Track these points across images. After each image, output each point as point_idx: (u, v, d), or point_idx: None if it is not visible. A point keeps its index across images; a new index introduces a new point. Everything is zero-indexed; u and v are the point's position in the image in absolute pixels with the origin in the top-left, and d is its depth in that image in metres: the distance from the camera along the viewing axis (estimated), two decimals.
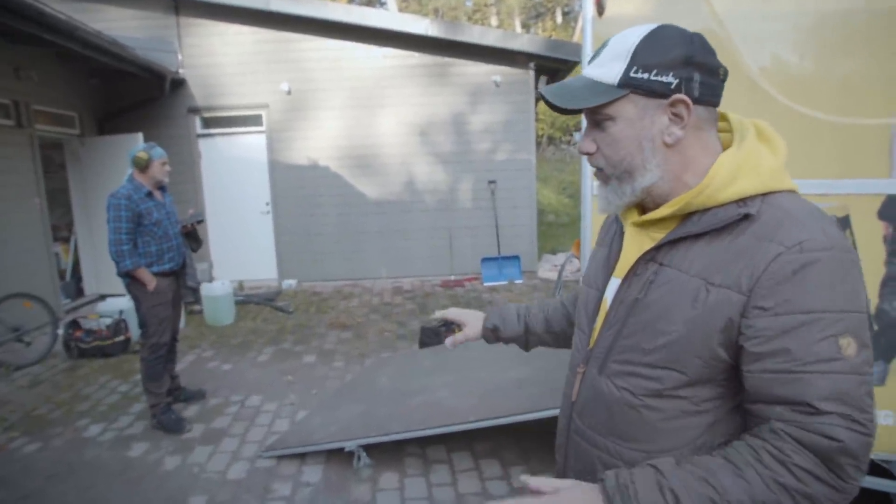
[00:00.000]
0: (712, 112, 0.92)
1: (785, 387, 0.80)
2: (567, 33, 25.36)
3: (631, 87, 0.88)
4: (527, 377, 3.34)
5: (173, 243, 3.76)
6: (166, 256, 3.71)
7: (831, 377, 0.78)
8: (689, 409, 0.90)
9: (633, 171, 0.92)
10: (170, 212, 3.80)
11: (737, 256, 0.84)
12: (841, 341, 0.78)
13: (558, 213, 13.54)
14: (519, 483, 2.88)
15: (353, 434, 3.14)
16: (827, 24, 2.09)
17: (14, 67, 5.83)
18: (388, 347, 5.22)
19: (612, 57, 0.89)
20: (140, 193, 3.58)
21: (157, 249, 3.66)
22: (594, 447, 1.01)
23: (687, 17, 2.29)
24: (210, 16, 7.55)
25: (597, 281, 1.07)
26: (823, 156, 2.12)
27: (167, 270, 3.73)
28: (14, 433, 3.66)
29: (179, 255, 3.83)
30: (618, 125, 0.90)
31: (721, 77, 0.90)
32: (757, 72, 2.16)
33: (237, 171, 8.02)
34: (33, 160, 6.13)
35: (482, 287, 7.61)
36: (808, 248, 0.80)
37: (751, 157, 0.88)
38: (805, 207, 0.86)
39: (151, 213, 3.62)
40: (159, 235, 3.65)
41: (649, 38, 0.87)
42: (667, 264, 0.92)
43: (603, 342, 0.99)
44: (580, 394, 1.04)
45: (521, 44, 7.68)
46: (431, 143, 8.00)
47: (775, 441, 0.80)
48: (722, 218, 0.86)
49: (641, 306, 0.93)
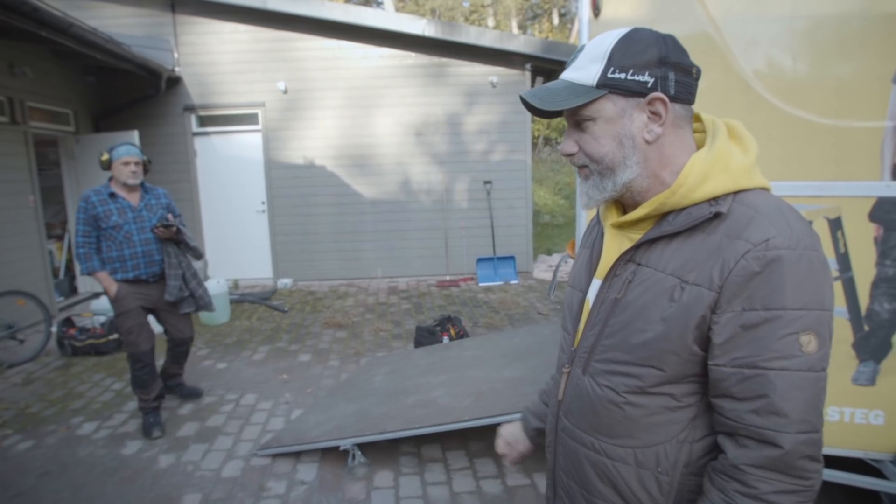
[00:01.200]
0: (688, 110, 0.95)
1: (744, 382, 0.84)
2: (564, 35, 25.41)
3: (609, 88, 0.90)
4: (521, 376, 3.35)
5: (138, 250, 3.49)
6: (129, 263, 3.47)
7: (789, 375, 0.82)
8: (670, 404, 0.93)
9: (614, 168, 0.94)
10: (141, 216, 3.53)
11: (709, 254, 0.87)
12: (802, 338, 0.82)
13: (554, 213, 13.57)
14: (514, 482, 2.89)
15: (348, 432, 3.14)
16: (822, 27, 2.10)
17: (9, 63, 5.81)
18: (383, 347, 5.22)
19: (590, 60, 0.92)
20: (101, 195, 3.44)
21: (119, 255, 3.45)
22: (581, 445, 1.04)
23: (681, 19, 2.31)
24: (206, 14, 7.54)
25: (580, 282, 1.10)
26: (817, 158, 2.14)
27: (131, 279, 3.50)
28: (7, 431, 3.64)
29: (151, 264, 3.55)
30: (598, 125, 0.93)
31: (694, 76, 0.93)
32: (751, 74, 2.18)
33: (233, 170, 8.01)
34: (28, 157, 6.11)
35: (477, 287, 7.62)
36: (775, 246, 0.82)
37: (722, 157, 0.91)
38: (774, 205, 0.88)
39: (110, 215, 3.42)
40: (119, 240, 3.44)
41: (624, 40, 0.90)
42: (644, 264, 0.95)
43: (586, 342, 1.02)
44: (566, 393, 1.07)
45: (518, 45, 7.69)
46: (427, 143, 8.01)
47: (739, 476, 0.85)
48: (695, 217, 0.89)
49: (621, 306, 0.96)
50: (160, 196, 3.67)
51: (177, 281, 3.60)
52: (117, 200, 3.46)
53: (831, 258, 2.16)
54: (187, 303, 3.69)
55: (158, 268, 3.57)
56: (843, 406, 2.21)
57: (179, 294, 3.61)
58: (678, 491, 0.94)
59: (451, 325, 5.15)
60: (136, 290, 3.53)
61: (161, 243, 3.57)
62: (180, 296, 3.62)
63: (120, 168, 3.44)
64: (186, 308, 3.69)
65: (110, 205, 3.44)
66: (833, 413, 2.23)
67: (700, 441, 0.93)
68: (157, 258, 3.57)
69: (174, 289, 3.57)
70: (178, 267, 3.62)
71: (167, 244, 3.59)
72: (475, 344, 4.39)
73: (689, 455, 0.93)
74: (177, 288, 3.58)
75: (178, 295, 3.60)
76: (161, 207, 3.63)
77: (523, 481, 2.91)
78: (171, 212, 3.66)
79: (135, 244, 3.47)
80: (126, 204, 3.48)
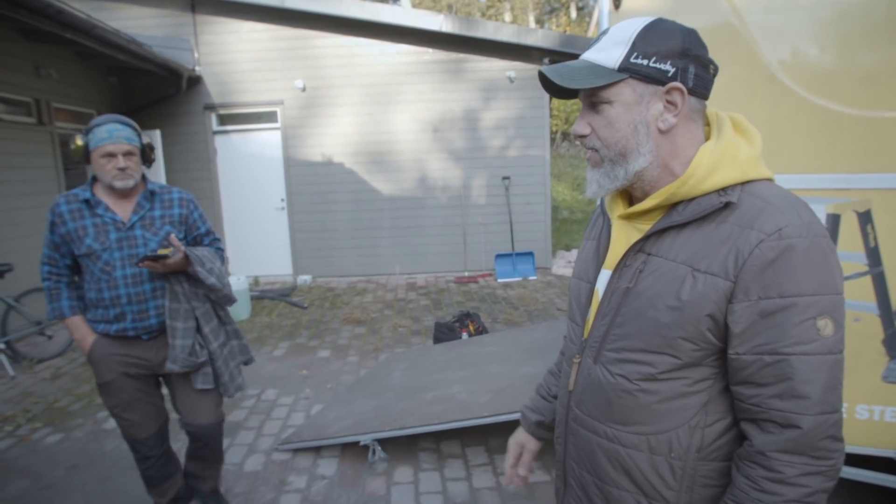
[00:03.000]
0: (702, 104, 0.96)
1: (766, 368, 0.86)
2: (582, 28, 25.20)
3: (630, 72, 0.91)
4: (541, 372, 3.32)
5: (122, 292, 2.18)
6: (111, 312, 2.20)
7: (809, 359, 0.84)
8: (683, 390, 0.94)
9: (627, 154, 0.95)
10: (131, 238, 2.20)
11: (720, 244, 0.88)
12: (819, 322, 0.84)
13: (572, 209, 13.50)
14: (534, 478, 2.88)
15: (368, 428, 3.16)
16: (848, 14, 2.05)
17: (35, 66, 5.92)
18: (402, 343, 5.24)
19: (613, 43, 0.93)
20: (75, 203, 2.19)
21: (97, 297, 2.19)
22: (593, 434, 1.04)
23: (703, 10, 2.27)
24: (226, 13, 7.61)
25: (587, 273, 1.10)
26: (844, 149, 2.09)
27: (113, 334, 2.23)
28: (37, 424, 3.73)
29: (142, 315, 2.23)
30: (615, 108, 0.94)
31: (712, 73, 0.95)
32: (776, 64, 2.13)
33: (252, 168, 8.09)
34: (54, 157, 6.22)
35: (496, 283, 7.61)
36: (787, 235, 0.84)
37: (730, 148, 0.92)
38: (781, 195, 0.90)
39: (82, 235, 2.16)
40: (96, 274, 2.17)
41: (650, 27, 0.91)
42: (655, 254, 0.96)
43: (597, 332, 1.03)
44: (577, 383, 1.08)
45: (536, 39, 7.63)
46: (445, 140, 8.00)
47: (765, 462, 0.87)
48: (705, 207, 0.91)
49: (633, 295, 0.97)
50: (173, 203, 2.32)
51: (186, 340, 2.24)
52: (96, 212, 2.18)
53: (861, 252, 2.11)
54: (203, 376, 2.34)
55: (155, 320, 2.25)
56: (873, 404, 2.16)
57: (189, 362, 2.26)
58: (691, 476, 0.95)
59: (470, 321, 5.15)
60: (122, 352, 2.25)
61: (164, 280, 2.24)
62: (190, 364, 2.28)
63: (100, 164, 2.13)
64: (203, 383, 2.34)
65: (86, 219, 2.17)
66: (862, 411, 2.18)
67: (712, 426, 0.94)
68: (153, 304, 2.24)
69: (181, 352, 2.24)
70: (187, 318, 2.26)
71: (175, 281, 2.24)
72: (494, 340, 4.38)
73: (702, 440, 0.94)
74: (185, 351, 2.24)
75: (186, 363, 2.26)
76: (170, 222, 2.28)
77: (543, 478, 2.90)
78: (187, 225, 2.36)
79: (117, 282, 2.17)
80: (109, 218, 2.18)
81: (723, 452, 0.94)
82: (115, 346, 2.25)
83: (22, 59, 5.78)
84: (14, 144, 5.65)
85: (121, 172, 2.14)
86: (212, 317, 2.36)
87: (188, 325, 2.26)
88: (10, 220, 5.51)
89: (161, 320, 2.26)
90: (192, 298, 2.28)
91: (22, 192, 5.69)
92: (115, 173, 2.13)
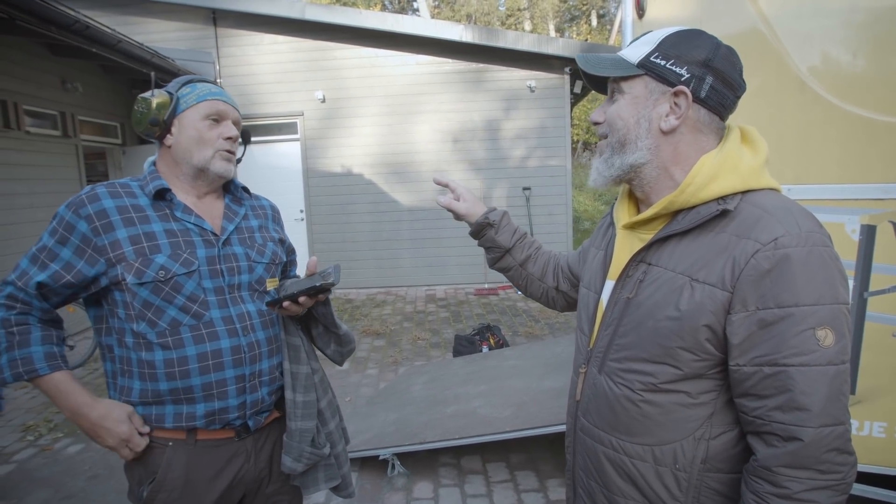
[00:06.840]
0: (715, 120, 0.96)
1: (766, 380, 0.85)
2: (603, 37, 25.14)
3: (646, 69, 0.95)
4: (563, 387, 3.27)
5: (227, 345, 1.30)
6: (196, 382, 1.27)
7: (809, 370, 0.82)
8: (686, 402, 0.94)
9: (625, 145, 0.98)
10: (232, 256, 1.36)
11: (718, 254, 0.89)
12: (818, 333, 0.82)
13: (594, 220, 13.38)
14: (556, 495, 2.82)
15: (387, 442, 3.12)
16: (881, 20, 1.99)
17: (61, 79, 6.05)
18: (421, 355, 5.20)
19: (644, 42, 0.98)
20: (129, 198, 1.29)
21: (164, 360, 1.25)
22: (599, 443, 1.05)
23: (730, 17, 2.22)
24: (247, 26, 7.72)
25: (594, 284, 1.12)
26: (879, 158, 2.02)
27: (203, 426, 1.30)
28: (58, 434, 3.75)
29: (256, 383, 1.35)
30: (626, 99, 0.98)
31: (736, 93, 0.96)
32: (806, 72, 2.07)
33: (272, 179, 8.15)
34: (78, 169, 6.34)
35: (517, 296, 7.54)
36: (783, 245, 0.83)
37: (731, 158, 0.93)
38: (782, 204, 0.89)
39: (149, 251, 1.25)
40: (168, 319, 1.25)
41: (681, 33, 0.95)
42: (655, 263, 0.97)
43: (601, 342, 1.05)
44: (583, 393, 1.09)
45: (556, 48, 7.60)
46: (465, 150, 7.99)
47: (771, 477, 0.84)
48: (703, 215, 0.91)
49: (633, 305, 0.98)
50: (266, 213, 1.55)
51: (308, 422, 1.42)
52: (175, 214, 1.32)
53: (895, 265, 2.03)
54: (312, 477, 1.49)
55: (267, 392, 1.39)
56: None
57: (314, 456, 1.44)
58: (697, 487, 0.95)
59: (491, 334, 5.10)
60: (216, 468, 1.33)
61: (281, 327, 1.42)
62: (314, 459, 1.44)
63: (198, 130, 1.36)
64: (328, 481, 1.51)
65: (152, 223, 1.28)
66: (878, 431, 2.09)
67: (717, 438, 0.93)
68: (268, 365, 1.38)
69: (300, 441, 1.40)
70: (308, 387, 1.44)
71: (293, 329, 1.43)
72: (515, 353, 4.32)
73: (707, 452, 0.93)
74: (307, 439, 1.41)
75: (311, 457, 1.43)
76: (270, 239, 1.48)
77: (563, 495, 2.83)
78: (285, 245, 1.57)
79: (214, 330, 1.30)
80: (193, 224, 1.33)
81: (730, 465, 0.93)
82: (202, 457, 1.31)
83: (49, 73, 5.91)
84: (40, 157, 5.77)
85: (231, 146, 1.38)
86: (328, 385, 1.54)
87: (308, 399, 1.43)
88: (36, 231, 5.61)
89: (275, 394, 1.42)
90: (311, 357, 1.48)
91: (47, 203, 5.78)
92: (222, 145, 1.35)
